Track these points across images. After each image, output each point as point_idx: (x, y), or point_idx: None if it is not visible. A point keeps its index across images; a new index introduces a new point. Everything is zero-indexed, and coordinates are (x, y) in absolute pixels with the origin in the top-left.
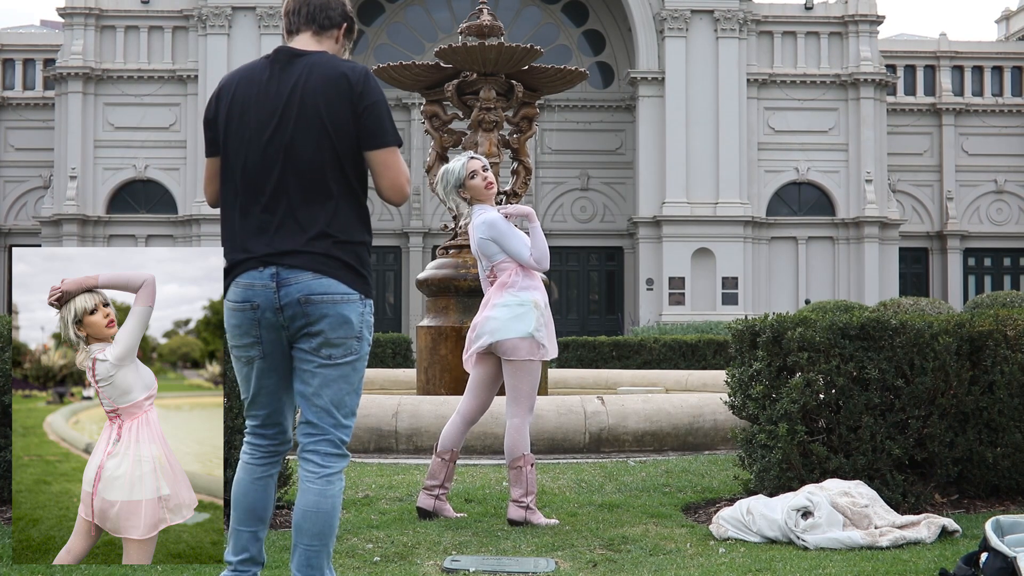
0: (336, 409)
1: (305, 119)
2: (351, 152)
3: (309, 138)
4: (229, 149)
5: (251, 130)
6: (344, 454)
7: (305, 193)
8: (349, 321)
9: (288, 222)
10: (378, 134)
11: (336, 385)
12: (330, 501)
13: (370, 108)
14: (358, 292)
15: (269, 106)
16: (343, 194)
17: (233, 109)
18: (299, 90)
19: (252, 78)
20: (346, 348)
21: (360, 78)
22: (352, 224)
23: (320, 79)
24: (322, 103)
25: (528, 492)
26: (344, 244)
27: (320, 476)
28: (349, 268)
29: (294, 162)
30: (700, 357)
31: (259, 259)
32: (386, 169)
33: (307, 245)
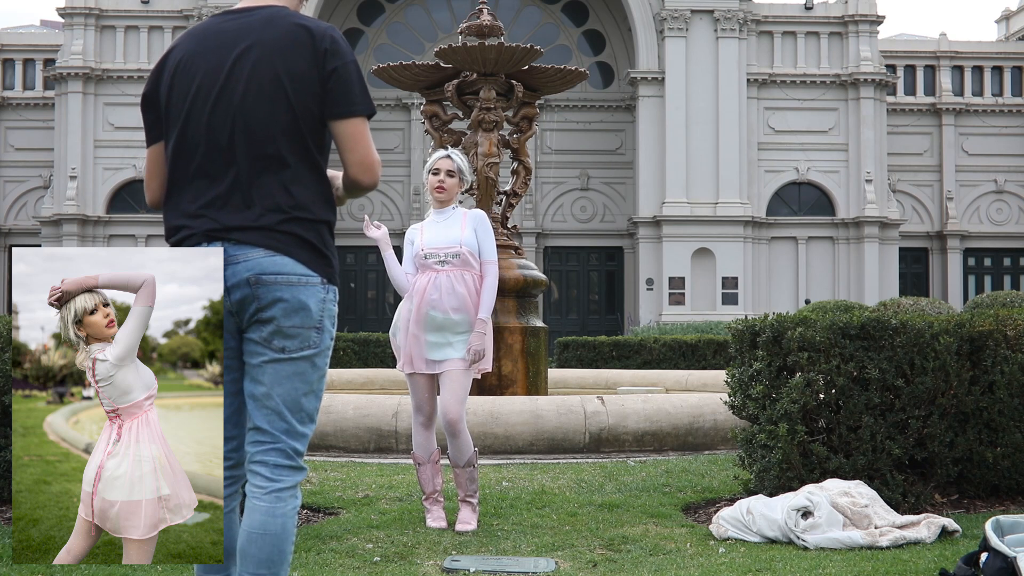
0: (289, 412)
1: (258, 77)
2: (312, 118)
3: (262, 99)
4: (171, 116)
5: (194, 92)
6: (298, 467)
7: (257, 162)
8: (306, 307)
9: (237, 195)
10: (346, 101)
11: (289, 383)
12: (279, 521)
13: (338, 70)
14: (319, 275)
15: (217, 63)
16: (301, 165)
17: (177, 74)
18: (254, 46)
19: (199, 37)
20: (303, 339)
21: (325, 33)
22: (311, 198)
23: (278, 32)
24: (279, 60)
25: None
26: (302, 221)
27: (268, 492)
28: (308, 246)
29: (245, 127)
30: (700, 357)
31: (203, 234)
32: (355, 142)
33: (259, 220)
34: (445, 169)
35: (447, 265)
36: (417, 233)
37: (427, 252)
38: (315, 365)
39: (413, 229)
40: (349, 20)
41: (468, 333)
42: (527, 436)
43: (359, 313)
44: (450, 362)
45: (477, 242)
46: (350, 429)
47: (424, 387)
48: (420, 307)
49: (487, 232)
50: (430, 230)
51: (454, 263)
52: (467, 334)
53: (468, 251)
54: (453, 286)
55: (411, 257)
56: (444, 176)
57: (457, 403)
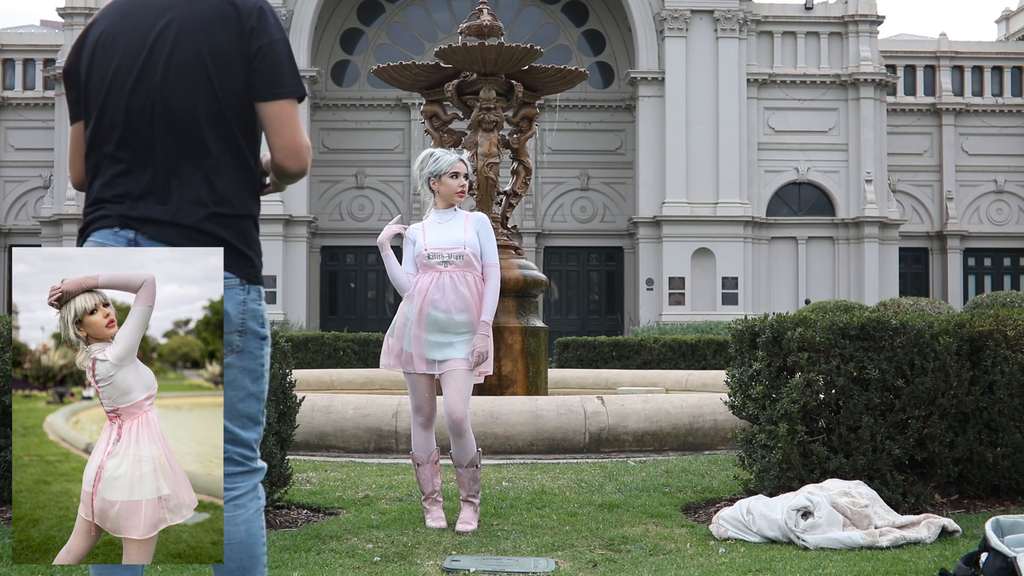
0: (229, 421)
1: (179, 58)
2: (238, 101)
3: (183, 82)
4: (90, 96)
5: (113, 72)
6: (251, 469)
7: (177, 150)
8: (224, 313)
9: (155, 187)
10: (273, 82)
11: (224, 392)
12: (242, 528)
13: (265, 49)
14: (235, 276)
15: (137, 41)
16: (225, 153)
17: (97, 51)
18: (174, 22)
19: (120, 10)
20: (226, 346)
21: (252, 9)
22: (235, 191)
23: (201, 8)
24: (202, 38)
25: (423, 491)
26: (222, 217)
27: (226, 502)
28: (226, 245)
29: (165, 111)
30: (700, 357)
31: (118, 218)
32: (281, 126)
33: (176, 215)
34: (463, 172)
35: (450, 266)
36: (419, 233)
37: (430, 252)
38: (245, 369)
39: (414, 229)
40: (349, 20)
41: (469, 334)
42: (527, 436)
43: (359, 313)
44: (452, 362)
45: (479, 244)
46: (350, 429)
47: (424, 387)
48: (422, 307)
49: (489, 235)
50: (433, 230)
51: (457, 264)
52: (468, 334)
53: (472, 252)
54: (456, 286)
55: (412, 257)
56: (463, 178)
57: (462, 402)
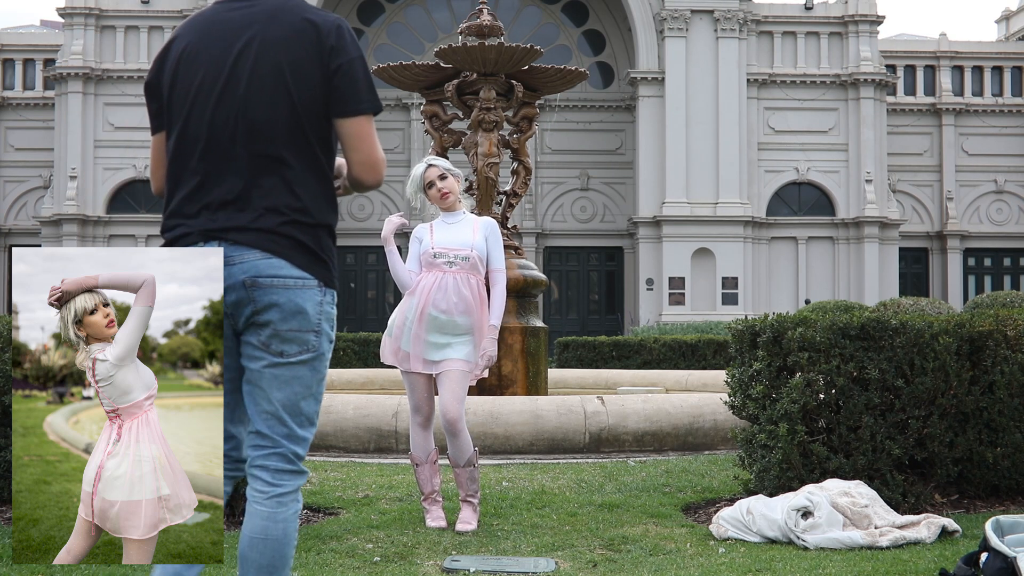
0: (290, 417)
1: (261, 73)
2: (316, 116)
3: (265, 96)
4: (174, 109)
5: (197, 86)
6: (299, 471)
7: (259, 161)
8: (303, 311)
9: (236, 196)
10: (352, 99)
11: (289, 388)
12: (281, 527)
13: (344, 67)
14: (316, 278)
15: (220, 56)
16: (303, 165)
17: (181, 66)
18: (256, 39)
19: (202, 27)
20: (301, 343)
21: (331, 28)
22: (313, 201)
23: (282, 26)
24: (283, 54)
25: (422, 491)
26: (301, 224)
27: (269, 496)
28: (304, 249)
29: (248, 125)
30: (700, 357)
31: (200, 233)
32: (359, 141)
33: (256, 221)
34: (436, 176)
35: (454, 267)
36: (426, 232)
37: (436, 251)
38: (314, 369)
39: (422, 227)
40: (349, 20)
41: (468, 335)
42: (527, 436)
43: (359, 313)
44: (449, 362)
45: (487, 249)
46: (350, 429)
47: (422, 387)
48: (424, 307)
49: (497, 241)
50: (440, 230)
51: (462, 265)
52: (467, 336)
53: (478, 256)
54: (459, 288)
55: (417, 255)
56: (438, 182)
57: (457, 402)
